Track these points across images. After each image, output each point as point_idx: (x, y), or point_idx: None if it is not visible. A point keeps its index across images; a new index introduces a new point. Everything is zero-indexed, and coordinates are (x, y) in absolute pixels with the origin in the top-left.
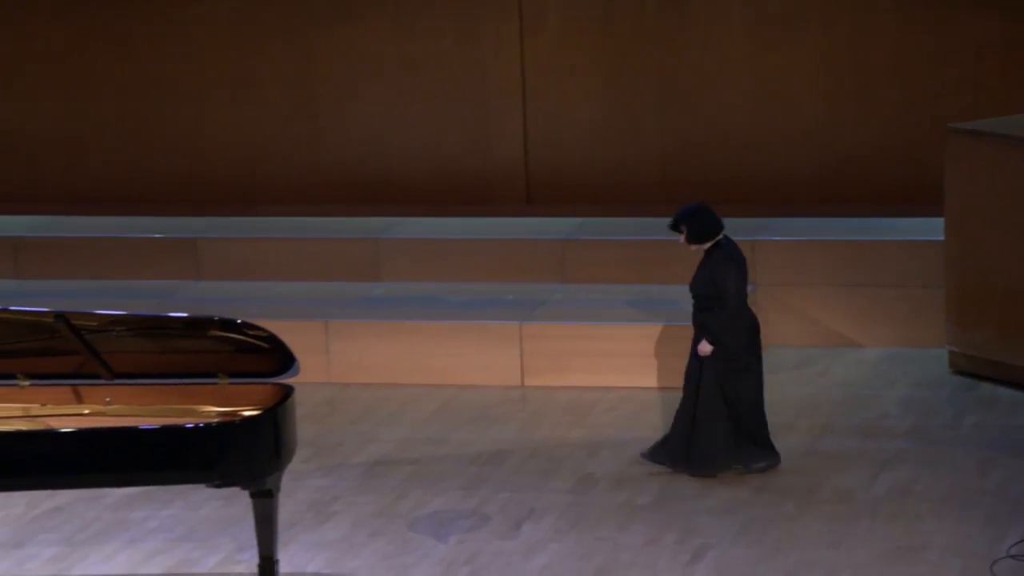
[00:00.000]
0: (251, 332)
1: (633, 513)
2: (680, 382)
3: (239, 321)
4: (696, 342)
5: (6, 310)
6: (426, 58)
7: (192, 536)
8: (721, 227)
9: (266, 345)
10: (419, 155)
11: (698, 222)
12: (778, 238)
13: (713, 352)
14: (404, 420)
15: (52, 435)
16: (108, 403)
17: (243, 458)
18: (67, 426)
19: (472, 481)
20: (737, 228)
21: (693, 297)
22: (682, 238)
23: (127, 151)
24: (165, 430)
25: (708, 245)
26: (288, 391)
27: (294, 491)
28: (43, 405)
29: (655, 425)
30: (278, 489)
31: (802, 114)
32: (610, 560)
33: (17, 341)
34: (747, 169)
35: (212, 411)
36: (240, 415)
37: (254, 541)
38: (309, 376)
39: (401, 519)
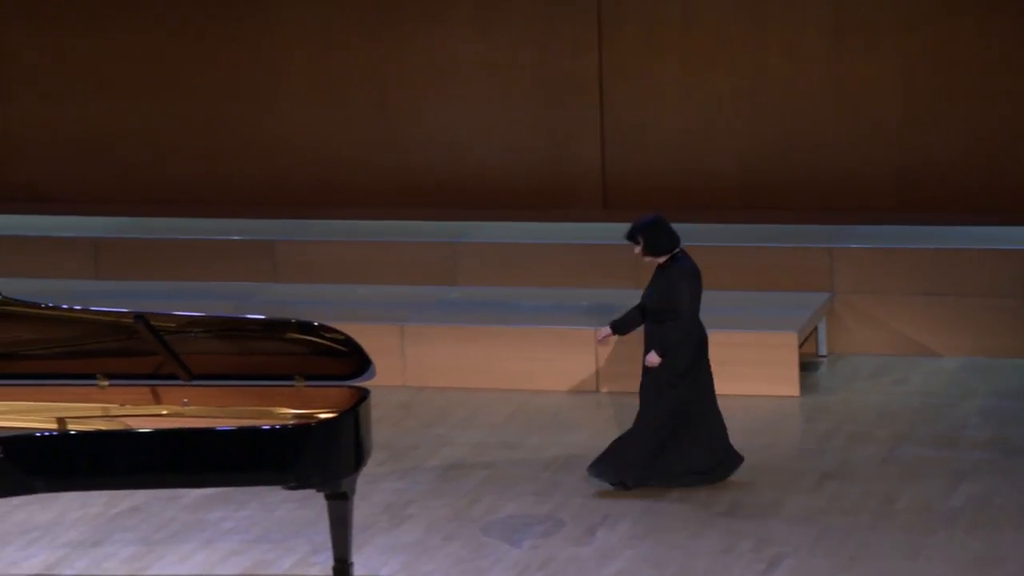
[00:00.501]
0: (328, 335)
1: (708, 521)
2: (757, 390)
3: (316, 324)
4: (646, 354)
5: (86, 310)
6: (505, 62)
7: (268, 537)
8: (677, 241)
9: (342, 348)
10: (497, 159)
11: (655, 235)
12: (856, 245)
13: (660, 364)
14: (478, 424)
15: (130, 435)
16: (186, 404)
17: (319, 460)
18: (145, 426)
19: (546, 486)
20: (815, 235)
21: (647, 310)
22: (638, 249)
23: (208, 153)
24: (242, 432)
25: (664, 259)
26: (364, 394)
27: (369, 494)
28: (122, 405)
29: (730, 432)
30: (353, 492)
31: (882, 119)
32: (684, 568)
33: (97, 341)
34: (826, 175)
35: (288, 413)
36: (316, 417)
37: (329, 543)
38: (384, 379)
39: (475, 523)
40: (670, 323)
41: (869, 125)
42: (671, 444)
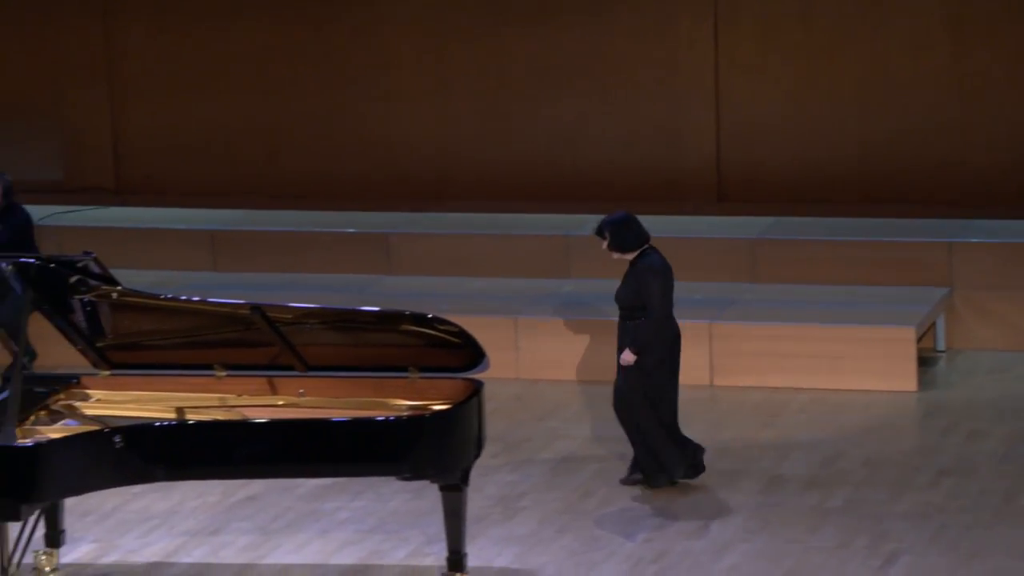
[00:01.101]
0: (442, 327)
1: (824, 516)
2: (875, 385)
3: (430, 316)
4: (620, 352)
5: (204, 301)
6: (620, 56)
7: (382, 528)
8: (646, 239)
9: (457, 340)
10: (611, 152)
11: (621, 231)
12: (976, 240)
13: (635, 362)
14: (592, 417)
15: (247, 425)
16: (301, 395)
17: (433, 452)
18: (262, 417)
19: None
20: (934, 229)
21: (619, 308)
22: (605, 244)
23: (323, 148)
24: (356, 423)
25: (632, 256)
26: (478, 386)
27: (483, 486)
28: (239, 396)
29: (847, 427)
30: (467, 483)
31: (1004, 113)
32: (800, 563)
33: (214, 332)
34: (947, 169)
35: (403, 405)
36: (430, 409)
37: (443, 534)
38: (498, 372)
39: (588, 516)
40: (643, 320)
41: (990, 117)
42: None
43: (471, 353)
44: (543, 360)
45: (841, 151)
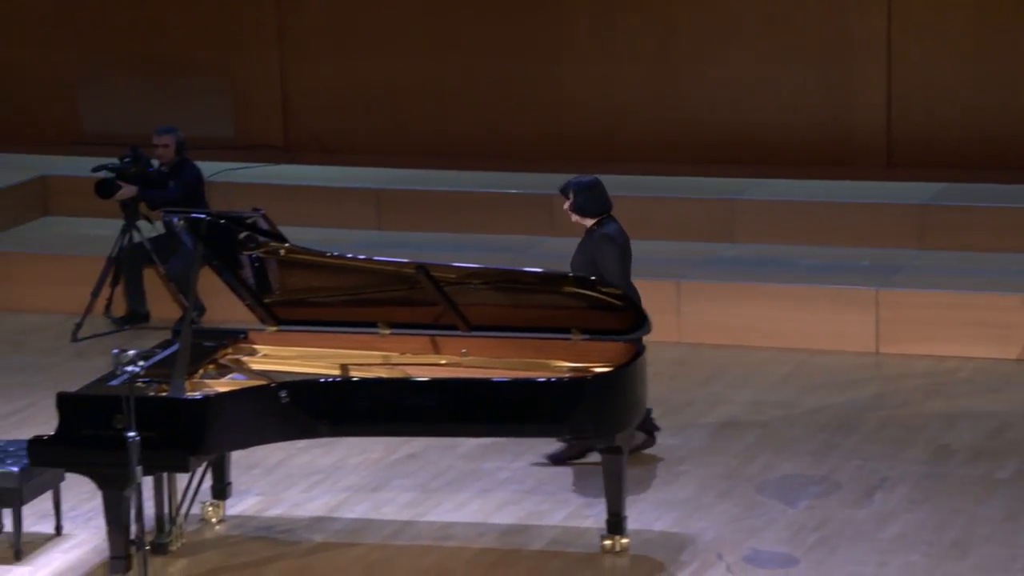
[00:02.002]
0: (605, 289)
1: (991, 487)
2: None
3: (593, 278)
4: None
5: (370, 260)
6: (790, 17)
7: (541, 489)
8: (608, 207)
9: (619, 303)
10: (779, 115)
11: (585, 195)
12: None
13: None
14: (754, 383)
15: (410, 384)
16: (464, 354)
17: (594, 414)
18: (424, 375)
19: (822, 447)
20: None
21: None
22: (567, 204)
23: (490, 107)
24: (518, 383)
25: (591, 223)
26: (639, 349)
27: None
28: (402, 354)
29: (1015, 398)
30: (627, 446)
31: None
32: (966, 534)
33: (379, 290)
34: None
35: (564, 366)
36: (592, 371)
37: (602, 497)
38: (660, 335)
39: (749, 482)
40: None
41: None
42: None
43: (633, 316)
44: (705, 324)
45: (1016, 116)
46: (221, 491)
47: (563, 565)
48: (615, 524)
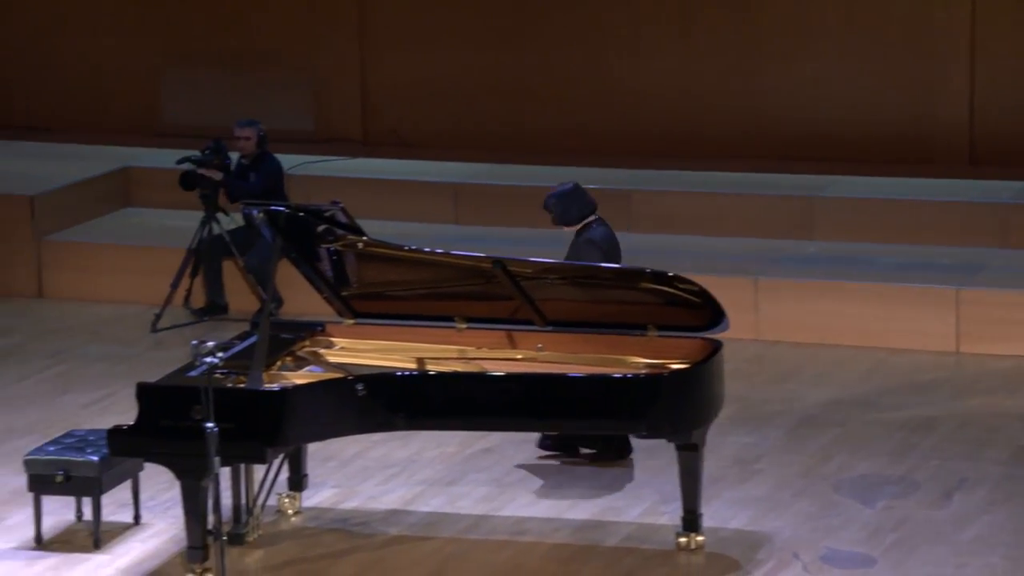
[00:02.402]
0: (682, 286)
1: None
2: None
3: (670, 274)
4: None
5: (447, 254)
6: (872, 13)
7: (616, 485)
8: (591, 209)
9: (696, 299)
10: (860, 112)
11: (564, 203)
12: None
13: None
14: (832, 381)
15: (486, 378)
16: (540, 349)
17: (670, 411)
18: (500, 370)
19: (900, 447)
20: None
21: None
22: (552, 219)
23: (568, 101)
24: (594, 379)
25: (578, 227)
26: (716, 346)
27: (719, 447)
28: (478, 348)
29: None
30: (703, 443)
31: None
32: None
33: (456, 284)
34: None
35: (640, 362)
36: (668, 368)
37: (678, 494)
38: (737, 332)
39: (826, 481)
40: None
41: None
42: None
43: (711, 313)
44: (783, 321)
45: None
46: (297, 483)
47: (638, 562)
48: (691, 521)
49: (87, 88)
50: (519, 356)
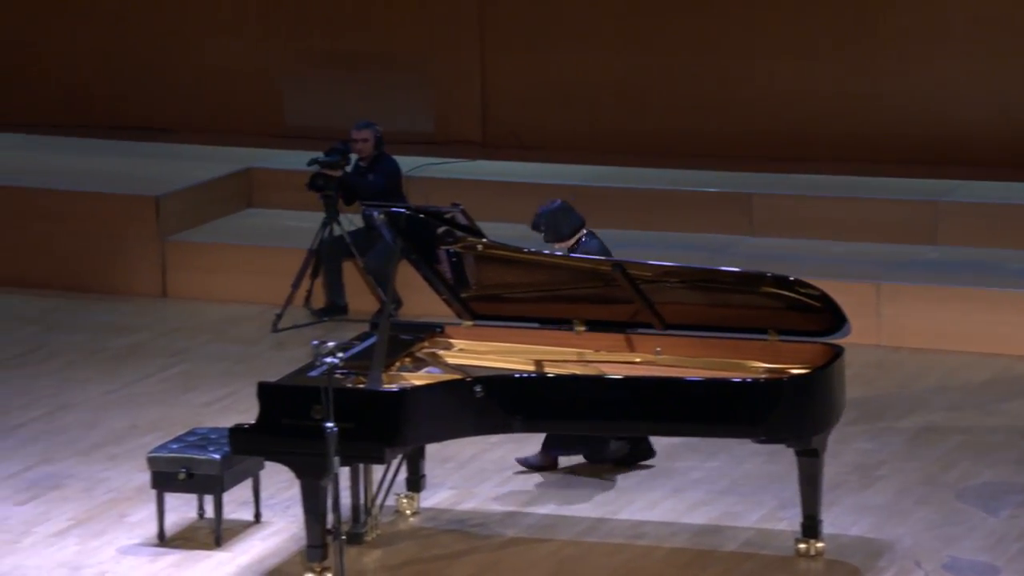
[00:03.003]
0: (803, 290)
1: None
2: None
3: (791, 278)
4: None
5: (566, 257)
6: (998, 16)
7: (735, 490)
8: (581, 224)
9: (817, 304)
10: (986, 116)
11: (554, 221)
12: None
13: None
14: (954, 387)
15: (604, 381)
16: (658, 353)
17: (790, 416)
18: (618, 373)
19: None
20: None
21: None
22: (544, 239)
23: (688, 105)
24: (713, 383)
25: (571, 242)
26: (838, 351)
27: (839, 453)
28: (596, 351)
29: None
30: (823, 449)
31: None
32: None
33: (575, 287)
34: None
35: (760, 367)
36: (788, 373)
37: (797, 499)
38: (858, 338)
39: (949, 489)
40: None
41: None
42: None
43: (832, 318)
44: (905, 327)
45: None
46: (416, 483)
47: (756, 567)
48: (811, 527)
49: (211, 90)
50: (637, 359)
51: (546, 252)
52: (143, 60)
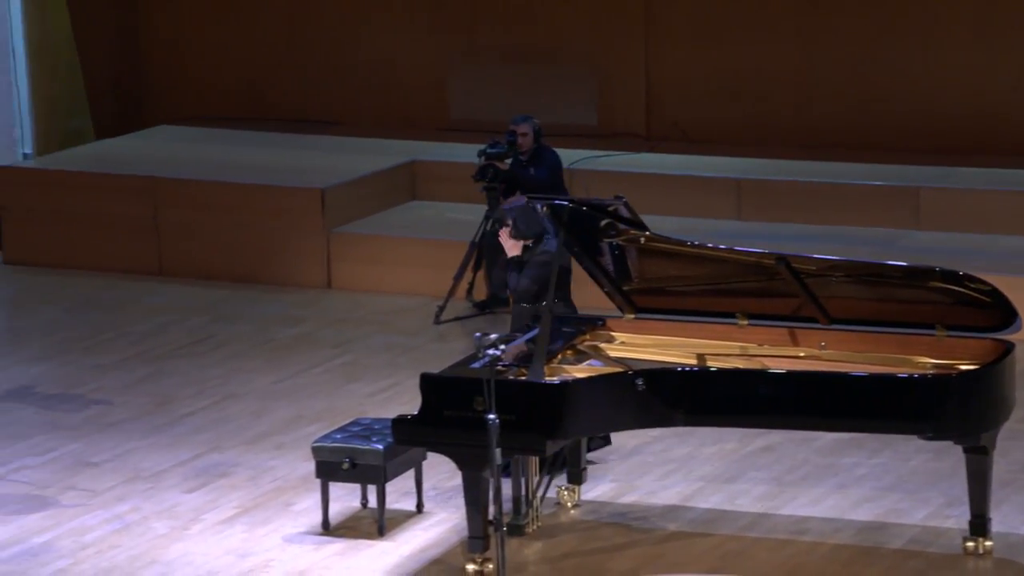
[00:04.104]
0: (972, 285)
1: None
2: None
3: (961, 273)
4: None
5: (730, 250)
6: None
7: (901, 487)
8: (544, 228)
9: (987, 299)
10: None
11: (521, 221)
12: None
13: None
14: None
15: (768, 375)
16: (822, 347)
17: (958, 412)
18: (782, 367)
19: None
20: None
21: (515, 297)
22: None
23: (855, 96)
24: (879, 379)
25: (531, 243)
26: (1008, 347)
27: (1009, 450)
28: (760, 345)
29: None
30: (993, 446)
31: None
32: None
33: (738, 281)
34: None
35: (927, 363)
36: (957, 369)
37: (965, 497)
38: None
39: None
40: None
41: None
42: None
43: (1002, 313)
44: None
45: None
46: (576, 476)
47: (922, 565)
48: (979, 526)
49: (379, 83)
50: (801, 354)
51: (709, 245)
52: (313, 54)
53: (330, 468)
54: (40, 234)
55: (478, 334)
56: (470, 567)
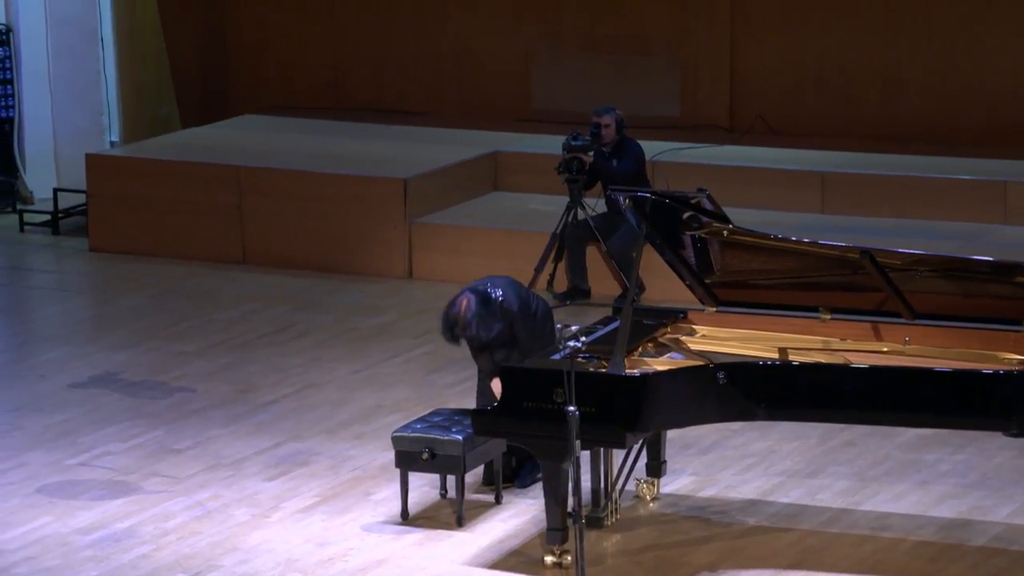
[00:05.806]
0: None
1: None
2: None
3: None
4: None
5: (813, 243)
6: None
7: (984, 484)
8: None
9: None
10: None
11: (480, 327)
12: None
13: None
14: None
15: (851, 370)
16: (907, 343)
17: None
18: (865, 362)
19: None
20: None
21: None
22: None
23: (943, 89)
24: (964, 374)
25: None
26: None
27: None
28: (842, 340)
29: None
30: None
31: None
32: None
33: (821, 275)
34: None
35: (1013, 359)
36: None
37: None
38: None
39: None
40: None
41: None
42: None
43: None
44: None
45: None
46: (656, 469)
47: (1006, 563)
48: None
49: (461, 73)
50: (885, 349)
51: (792, 239)
52: (396, 43)
53: (410, 458)
54: (125, 221)
55: (559, 325)
56: (548, 558)
